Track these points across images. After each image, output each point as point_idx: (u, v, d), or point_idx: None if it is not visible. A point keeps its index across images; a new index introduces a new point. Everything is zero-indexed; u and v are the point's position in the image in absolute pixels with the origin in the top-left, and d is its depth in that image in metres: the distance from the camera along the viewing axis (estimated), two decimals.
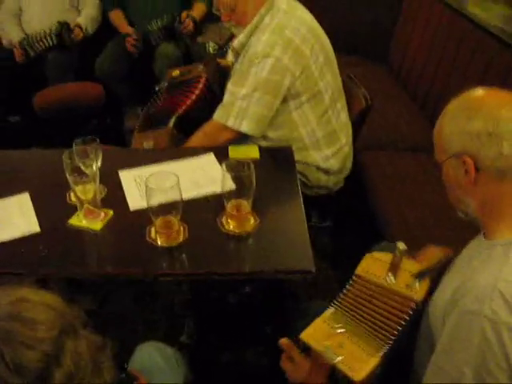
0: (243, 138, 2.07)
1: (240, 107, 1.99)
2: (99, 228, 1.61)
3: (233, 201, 1.56)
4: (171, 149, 2.11)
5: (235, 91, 2.02)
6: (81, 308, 0.88)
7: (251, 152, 1.96)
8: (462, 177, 1.15)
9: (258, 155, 1.95)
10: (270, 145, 2.12)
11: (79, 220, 1.63)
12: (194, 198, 1.71)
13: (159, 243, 1.53)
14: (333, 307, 1.36)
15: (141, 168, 1.88)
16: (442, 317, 1.13)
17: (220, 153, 1.94)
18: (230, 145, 2.01)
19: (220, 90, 2.17)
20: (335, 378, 1.25)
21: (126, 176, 1.85)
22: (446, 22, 3.01)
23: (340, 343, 1.26)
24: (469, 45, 2.73)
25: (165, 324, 2.30)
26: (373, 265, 1.40)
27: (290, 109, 2.08)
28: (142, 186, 1.72)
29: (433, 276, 1.32)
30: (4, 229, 1.61)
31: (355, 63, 3.52)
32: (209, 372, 2.08)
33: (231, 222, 1.59)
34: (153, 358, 1.45)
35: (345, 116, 2.26)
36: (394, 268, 1.35)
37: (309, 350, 1.30)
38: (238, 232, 1.58)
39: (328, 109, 2.14)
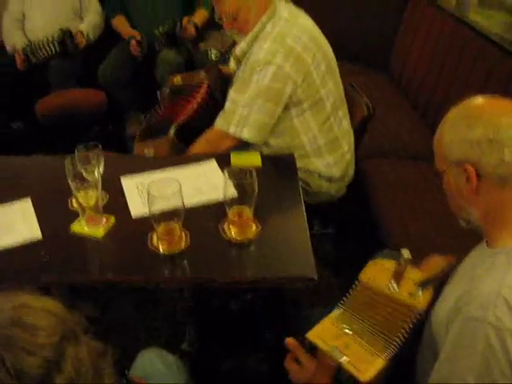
0: (245, 145, 2.07)
1: (241, 115, 1.99)
2: (101, 235, 1.61)
3: (235, 208, 1.56)
4: (173, 156, 2.11)
5: (237, 99, 2.02)
6: (82, 314, 0.88)
7: (253, 159, 1.96)
8: (464, 185, 1.15)
9: (260, 162, 1.95)
10: (272, 152, 2.13)
11: (81, 226, 1.63)
12: (196, 205, 1.71)
13: (161, 250, 1.53)
14: (340, 308, 1.36)
15: (143, 175, 1.88)
16: (446, 325, 1.13)
17: (222, 160, 1.94)
18: (232, 152, 2.01)
19: (222, 97, 2.18)
20: (339, 380, 1.25)
21: (128, 182, 1.85)
22: (448, 30, 3.02)
23: (346, 344, 1.26)
24: (470, 53, 2.74)
25: (166, 331, 2.29)
26: (376, 272, 1.40)
27: (292, 116, 2.09)
28: (144, 193, 1.73)
29: (436, 285, 1.31)
30: (6, 235, 1.61)
31: (357, 72, 3.53)
32: (210, 379, 2.08)
33: (233, 229, 1.59)
34: (154, 365, 1.45)
35: (347, 124, 2.27)
36: (398, 276, 1.34)
37: (314, 351, 1.29)
38: (240, 239, 1.58)
39: (330, 116, 2.14)
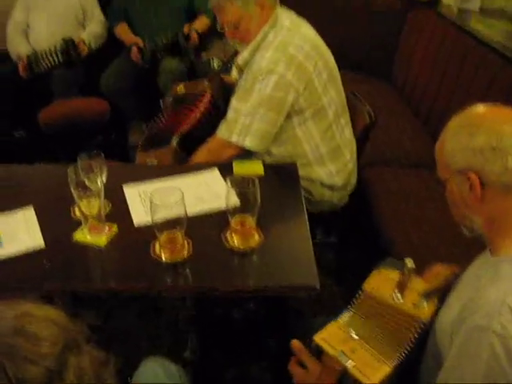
0: (247, 154, 2.08)
1: (243, 123, 2.00)
2: (104, 244, 1.61)
3: (237, 217, 1.56)
4: (176, 165, 2.12)
5: (239, 107, 2.02)
6: (84, 323, 0.88)
7: (255, 168, 1.97)
8: (467, 193, 1.15)
9: (263, 171, 1.95)
10: (274, 161, 2.13)
11: (83, 235, 1.63)
12: (199, 214, 1.71)
13: (163, 259, 1.53)
14: (347, 313, 1.36)
15: (145, 183, 1.88)
16: (450, 334, 1.12)
17: (224, 168, 1.94)
18: (235, 160, 2.01)
19: (225, 106, 2.18)
20: None
21: (131, 191, 1.85)
22: (449, 39, 3.03)
23: (352, 349, 1.26)
24: (472, 61, 2.74)
25: (169, 340, 2.29)
26: (380, 281, 1.39)
27: (294, 125, 2.09)
28: (147, 202, 1.73)
29: (440, 295, 1.31)
30: (9, 243, 1.61)
31: (359, 80, 3.54)
32: None
33: (236, 238, 1.59)
34: (157, 375, 1.45)
35: (349, 132, 2.27)
36: (402, 286, 1.34)
37: (319, 355, 1.29)
38: (243, 248, 1.57)
39: (332, 124, 2.15)
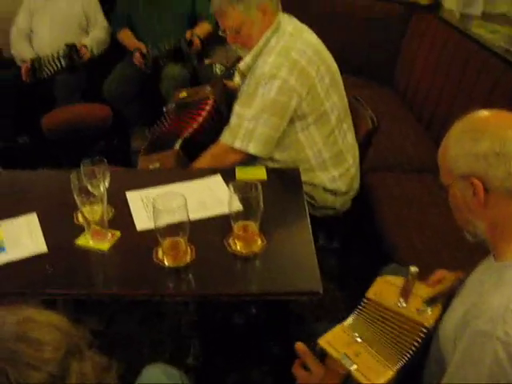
0: (250, 160, 2.08)
1: (247, 129, 2.00)
2: (106, 248, 1.61)
3: (240, 222, 1.56)
4: (178, 170, 2.12)
5: (242, 113, 2.03)
6: (87, 328, 0.88)
7: (258, 173, 1.97)
8: (471, 198, 1.14)
9: (266, 176, 1.95)
10: (277, 166, 2.13)
11: (86, 240, 1.63)
12: (201, 219, 1.71)
13: (166, 264, 1.53)
14: (351, 317, 1.36)
15: (148, 189, 1.88)
16: (453, 340, 1.12)
17: (227, 174, 1.94)
18: (237, 166, 2.01)
19: (227, 111, 2.18)
20: None
21: (134, 197, 1.85)
22: (451, 43, 3.03)
23: (356, 352, 1.26)
24: (474, 66, 2.74)
25: (171, 345, 2.28)
26: (384, 288, 1.39)
27: (297, 130, 2.09)
28: (150, 207, 1.73)
29: (444, 301, 1.31)
30: (12, 249, 1.62)
31: (361, 85, 3.54)
32: None
33: (238, 243, 1.59)
34: (159, 380, 1.44)
35: (351, 137, 2.27)
36: (406, 292, 1.34)
37: (323, 357, 1.29)
38: (245, 253, 1.57)
39: (334, 129, 2.15)
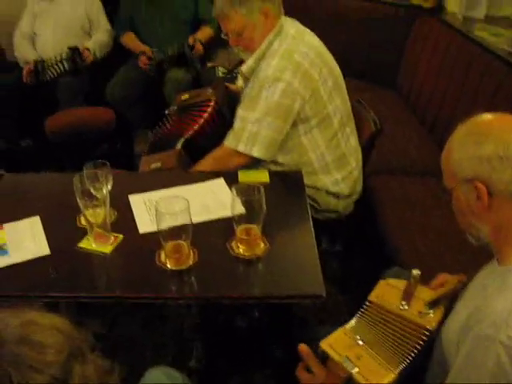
0: (253, 163, 2.07)
1: (250, 132, 2.00)
2: (109, 251, 1.61)
3: (243, 225, 1.56)
4: (181, 173, 2.11)
5: (246, 116, 2.03)
6: (89, 331, 0.88)
7: (261, 176, 1.96)
8: (474, 202, 1.14)
9: (268, 179, 1.95)
10: (280, 169, 2.13)
11: (89, 243, 1.63)
12: (204, 222, 1.71)
13: (169, 267, 1.53)
14: (353, 320, 1.36)
15: (151, 192, 1.88)
16: (456, 343, 1.12)
17: (230, 177, 1.94)
18: (240, 169, 2.01)
19: (229, 114, 2.19)
20: None
21: (136, 200, 1.85)
22: (454, 46, 3.03)
23: (358, 355, 1.26)
24: (477, 69, 2.74)
25: (173, 348, 2.28)
26: (387, 291, 1.39)
27: (300, 133, 2.09)
28: (152, 210, 1.73)
29: (446, 304, 1.31)
30: (15, 252, 1.62)
31: (364, 88, 3.54)
32: None
33: (241, 246, 1.59)
34: (161, 383, 1.44)
35: (354, 140, 2.27)
36: (408, 295, 1.34)
37: (325, 360, 1.29)
38: (248, 256, 1.57)
39: (337, 132, 2.15)
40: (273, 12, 2.03)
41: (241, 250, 1.58)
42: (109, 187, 1.68)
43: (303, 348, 1.32)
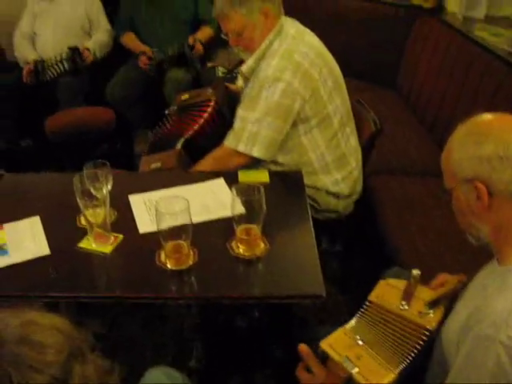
0: (253, 163, 2.07)
1: (250, 132, 2.00)
2: (109, 251, 1.61)
3: (243, 225, 1.56)
4: (181, 173, 2.11)
5: (246, 116, 2.03)
6: (89, 331, 0.88)
7: (261, 176, 1.96)
8: (474, 202, 1.14)
9: (268, 179, 1.95)
10: (280, 169, 2.13)
11: (89, 243, 1.63)
12: (204, 222, 1.71)
13: (169, 267, 1.53)
14: (353, 320, 1.36)
15: (151, 192, 1.88)
16: (456, 343, 1.12)
17: (230, 177, 1.94)
18: (240, 169, 2.01)
19: (229, 113, 2.19)
20: None
21: (136, 200, 1.85)
22: (454, 46, 3.03)
23: (358, 355, 1.26)
24: (477, 69, 2.74)
25: (173, 348, 2.28)
26: (387, 291, 1.39)
27: (300, 133, 2.09)
28: (152, 210, 1.73)
29: (446, 304, 1.31)
30: (15, 252, 1.62)
31: (364, 88, 3.53)
32: None
33: (241, 246, 1.59)
34: (161, 383, 1.44)
35: (354, 140, 2.27)
36: (408, 295, 1.34)
37: (325, 360, 1.29)
38: (248, 256, 1.57)
39: (337, 132, 2.15)
40: (273, 12, 2.03)
41: (241, 250, 1.58)
42: (109, 187, 1.68)
43: (303, 348, 1.32)
